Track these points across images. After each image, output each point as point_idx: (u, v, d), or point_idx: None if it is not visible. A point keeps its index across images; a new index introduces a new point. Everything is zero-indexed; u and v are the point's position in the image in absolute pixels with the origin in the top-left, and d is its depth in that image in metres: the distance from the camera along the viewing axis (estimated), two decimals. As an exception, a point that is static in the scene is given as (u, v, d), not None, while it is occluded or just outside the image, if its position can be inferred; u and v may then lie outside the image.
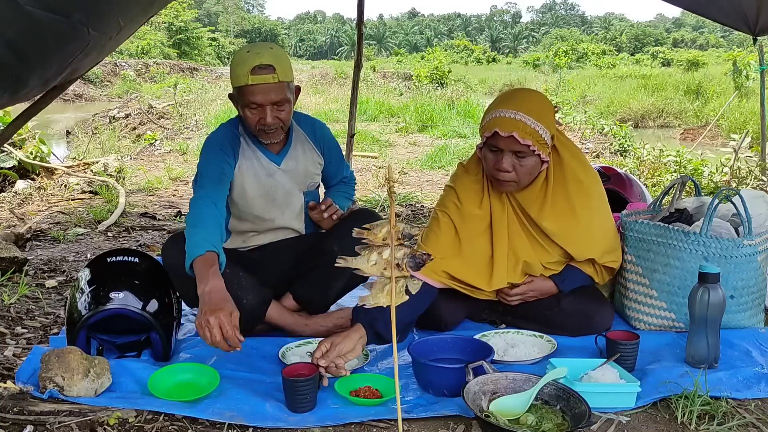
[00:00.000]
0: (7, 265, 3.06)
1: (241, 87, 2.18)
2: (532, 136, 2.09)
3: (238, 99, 2.24)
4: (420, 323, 2.43)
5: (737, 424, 1.78)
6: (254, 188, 2.33)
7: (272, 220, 2.40)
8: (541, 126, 2.11)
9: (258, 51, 2.17)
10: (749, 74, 12.77)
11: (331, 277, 2.31)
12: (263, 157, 2.35)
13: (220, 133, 2.34)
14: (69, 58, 1.87)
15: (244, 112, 2.23)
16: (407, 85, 17.95)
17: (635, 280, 2.49)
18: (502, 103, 2.16)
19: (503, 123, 2.09)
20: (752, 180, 5.44)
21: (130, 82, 17.50)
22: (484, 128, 2.17)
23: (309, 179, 2.45)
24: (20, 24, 1.51)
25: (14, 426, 1.71)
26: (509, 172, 2.15)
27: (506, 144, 2.11)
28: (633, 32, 79.50)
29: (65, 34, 1.67)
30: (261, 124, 2.22)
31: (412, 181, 6.32)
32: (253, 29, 78.54)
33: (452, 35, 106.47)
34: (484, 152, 2.21)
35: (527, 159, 2.14)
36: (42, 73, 1.92)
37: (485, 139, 2.16)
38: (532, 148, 2.11)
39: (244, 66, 2.14)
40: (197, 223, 2.09)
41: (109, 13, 1.72)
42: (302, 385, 1.78)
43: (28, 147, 5.76)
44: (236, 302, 2.17)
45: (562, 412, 1.74)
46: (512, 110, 2.10)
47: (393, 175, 1.45)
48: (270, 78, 2.15)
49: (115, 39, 2.00)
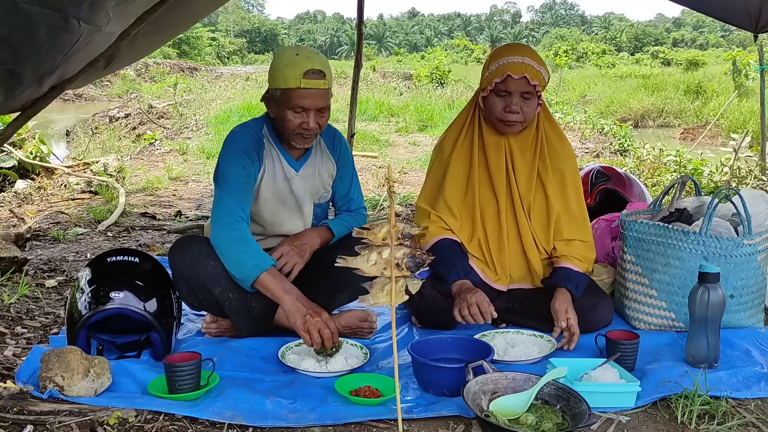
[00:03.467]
0: (7, 265, 3.06)
1: (289, 89, 2.14)
2: (538, 78, 2.32)
3: (279, 100, 2.18)
4: (423, 321, 2.44)
5: (737, 424, 1.78)
6: (268, 191, 2.31)
7: (280, 225, 2.38)
8: (543, 69, 2.35)
9: (308, 55, 2.15)
10: (749, 74, 12.77)
11: (336, 290, 2.30)
12: (284, 161, 2.33)
13: (245, 135, 2.28)
14: (62, 51, 1.88)
15: (284, 114, 2.18)
16: (407, 84, 17.94)
17: (635, 279, 2.49)
18: (505, 52, 2.36)
19: (514, 67, 2.29)
20: (752, 180, 5.45)
21: (130, 81, 17.48)
22: (494, 75, 2.33)
23: (322, 189, 2.43)
24: (13, 20, 1.53)
25: (14, 426, 1.71)
26: (518, 113, 2.33)
27: (516, 86, 2.30)
28: (633, 32, 79.43)
29: (57, 27, 1.68)
30: (303, 128, 2.19)
31: (412, 181, 6.31)
32: (253, 29, 78.50)
33: (452, 35, 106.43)
34: (490, 99, 2.37)
35: (531, 101, 2.35)
36: (36, 68, 1.92)
37: (494, 84, 2.33)
38: (538, 89, 2.33)
39: (296, 69, 2.11)
40: (244, 238, 2.14)
41: (99, 3, 1.73)
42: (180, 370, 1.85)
43: (28, 147, 5.76)
44: (245, 306, 2.18)
45: (562, 412, 1.74)
46: (519, 57, 2.32)
47: (393, 175, 1.45)
48: (321, 84, 2.15)
49: (107, 34, 2.00)
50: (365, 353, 2.15)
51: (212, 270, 2.17)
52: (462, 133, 2.52)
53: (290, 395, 1.89)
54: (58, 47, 1.84)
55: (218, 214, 2.17)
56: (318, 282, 2.31)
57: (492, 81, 2.34)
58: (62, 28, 1.70)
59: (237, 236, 2.13)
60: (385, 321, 2.52)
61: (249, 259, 2.10)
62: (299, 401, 1.85)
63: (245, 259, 2.11)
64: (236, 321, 2.24)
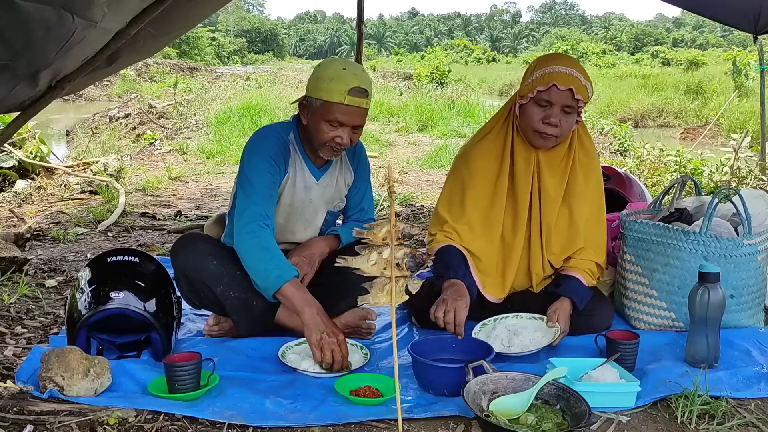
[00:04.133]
0: (7, 265, 3.06)
1: (332, 103, 2.12)
2: (583, 93, 2.21)
3: (318, 111, 2.16)
4: (423, 322, 2.44)
5: (737, 424, 1.78)
6: (288, 197, 2.30)
7: (293, 233, 2.38)
8: (588, 85, 2.25)
9: (355, 72, 2.15)
10: (749, 74, 12.77)
11: (338, 297, 2.30)
12: (306, 169, 2.31)
13: (272, 140, 2.26)
14: (56, 46, 1.88)
15: (319, 125, 2.17)
16: (407, 84, 17.95)
17: (635, 279, 2.49)
18: (552, 60, 2.25)
19: (561, 77, 2.19)
20: (752, 179, 5.44)
21: (130, 81, 17.46)
22: (537, 82, 2.22)
23: (338, 199, 2.43)
24: (6, 14, 1.53)
25: (14, 426, 1.71)
26: (556, 127, 2.23)
27: (560, 98, 2.20)
28: (633, 32, 79.49)
29: (51, 21, 1.69)
30: (335, 142, 2.18)
31: (412, 181, 6.32)
32: (253, 29, 78.49)
33: (452, 35, 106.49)
34: (529, 108, 2.26)
35: (571, 116, 2.25)
36: (30, 63, 1.93)
37: (536, 92, 2.21)
38: (580, 105, 2.22)
39: (342, 84, 2.11)
40: (268, 247, 2.12)
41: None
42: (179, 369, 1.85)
43: (28, 147, 5.76)
44: (247, 305, 2.18)
45: (562, 412, 1.74)
46: (567, 67, 2.21)
47: (393, 175, 1.46)
48: (364, 103, 2.15)
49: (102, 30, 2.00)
50: (365, 353, 2.15)
51: (214, 269, 2.17)
52: (491, 140, 2.40)
53: (290, 395, 1.89)
54: (52, 42, 1.84)
55: (243, 221, 2.15)
56: (319, 288, 2.29)
57: (534, 89, 2.22)
58: (56, 22, 1.71)
59: (262, 244, 2.12)
60: (385, 321, 2.52)
61: (273, 269, 2.08)
62: (299, 401, 1.85)
63: (269, 268, 2.09)
64: (237, 320, 2.24)
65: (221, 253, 2.23)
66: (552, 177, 2.36)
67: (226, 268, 2.17)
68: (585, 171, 2.39)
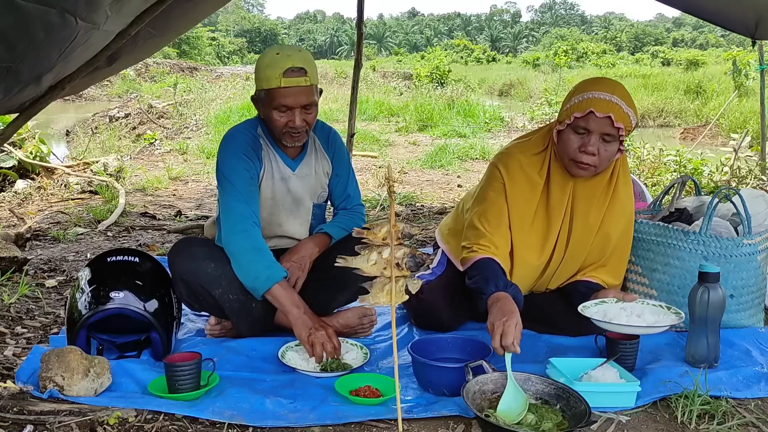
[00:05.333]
0: (7, 265, 3.06)
1: (271, 89, 2.15)
2: (624, 121, 2.09)
3: (264, 101, 2.20)
4: (421, 325, 2.43)
5: (737, 424, 1.78)
6: (267, 191, 2.31)
7: (279, 225, 2.39)
8: (631, 113, 2.11)
9: (288, 53, 2.15)
10: (749, 73, 12.75)
11: (336, 290, 2.32)
12: (280, 161, 2.33)
13: (240, 137, 2.28)
14: (59, 49, 1.88)
15: (270, 115, 2.20)
16: (407, 84, 17.95)
17: (635, 279, 2.49)
18: (592, 85, 2.13)
19: (600, 104, 2.07)
20: (752, 179, 5.45)
21: (130, 81, 17.48)
22: (575, 108, 2.11)
23: (320, 188, 2.43)
24: (10, 17, 1.53)
25: (14, 426, 1.71)
26: (594, 156, 2.12)
27: (598, 125, 2.08)
28: (633, 32, 79.52)
29: (54, 24, 1.69)
30: (289, 126, 2.20)
31: (412, 181, 6.32)
32: (253, 29, 78.55)
33: (452, 35, 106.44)
34: (566, 134, 2.15)
35: (611, 144, 2.13)
36: (34, 65, 1.93)
37: (573, 119, 2.11)
38: (621, 133, 2.10)
39: (276, 68, 2.12)
40: (259, 247, 2.14)
41: (96, 1, 1.74)
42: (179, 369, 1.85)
43: (28, 147, 5.76)
44: (245, 307, 2.19)
45: (562, 412, 1.74)
46: (607, 93, 2.09)
47: (393, 175, 1.46)
48: (302, 81, 2.14)
49: (104, 33, 2.00)
50: (365, 353, 2.15)
51: (212, 272, 2.17)
52: (533, 161, 2.28)
53: (290, 395, 1.89)
54: (55, 44, 1.85)
55: (232, 221, 2.17)
56: (317, 283, 2.31)
57: (571, 115, 2.11)
58: (59, 25, 1.71)
59: (252, 245, 2.14)
60: (385, 321, 2.52)
61: (263, 269, 2.11)
62: (299, 401, 1.85)
63: (259, 268, 2.11)
64: (237, 322, 2.24)
65: (218, 256, 2.22)
66: (588, 209, 2.26)
67: (223, 270, 2.17)
68: (622, 207, 2.30)
